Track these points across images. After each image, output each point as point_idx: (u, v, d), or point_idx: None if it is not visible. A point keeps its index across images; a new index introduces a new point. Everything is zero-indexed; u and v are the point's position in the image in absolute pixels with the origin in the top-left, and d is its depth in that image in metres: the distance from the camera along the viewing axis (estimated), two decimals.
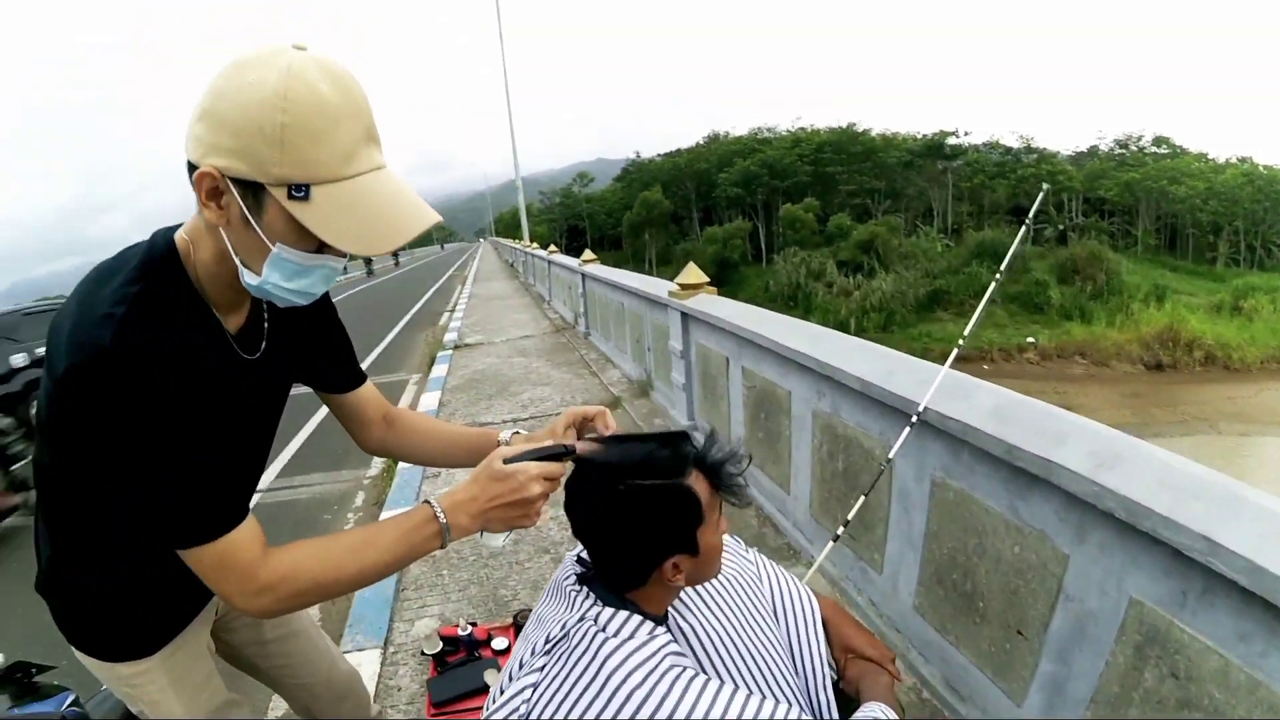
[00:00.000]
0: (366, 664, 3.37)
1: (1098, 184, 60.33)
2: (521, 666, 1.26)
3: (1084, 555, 1.98)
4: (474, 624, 3.41)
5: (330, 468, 7.02)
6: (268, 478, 7.02)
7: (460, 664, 3.17)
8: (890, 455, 2.58)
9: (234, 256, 1.12)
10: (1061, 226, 56.19)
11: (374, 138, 1.10)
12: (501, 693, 1.25)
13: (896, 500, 2.87)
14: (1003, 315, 42.30)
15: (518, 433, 1.56)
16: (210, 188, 1.05)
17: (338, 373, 1.65)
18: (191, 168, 1.05)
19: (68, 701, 1.94)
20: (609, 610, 1.24)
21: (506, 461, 1.26)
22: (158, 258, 1.17)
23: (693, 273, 5.63)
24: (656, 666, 1.13)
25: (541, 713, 1.15)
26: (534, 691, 1.19)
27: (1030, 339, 39.77)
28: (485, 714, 1.26)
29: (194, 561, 1.17)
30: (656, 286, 6.68)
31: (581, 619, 1.23)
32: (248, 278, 1.13)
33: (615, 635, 1.18)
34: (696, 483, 1.26)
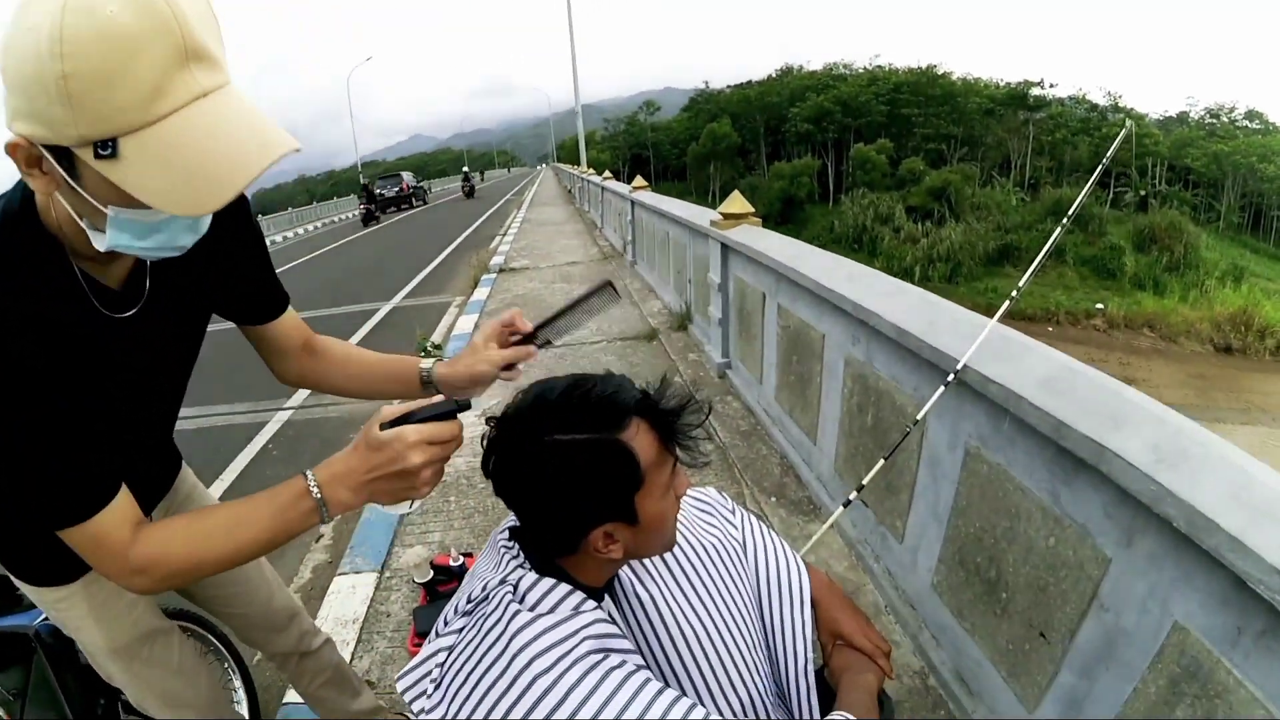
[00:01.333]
0: (361, 587, 3.42)
1: (1184, 153, 58.11)
2: (446, 624, 1.14)
3: (1128, 562, 1.69)
4: (467, 554, 3.37)
5: None
6: (299, 397, 7.13)
7: (450, 594, 3.08)
8: (920, 415, 2.30)
9: (78, 221, 0.97)
10: (1143, 192, 54.43)
11: (196, 54, 0.85)
12: (429, 642, 1.14)
13: (925, 466, 2.60)
14: (1073, 277, 41.48)
15: (438, 360, 1.43)
16: (23, 159, 0.89)
17: (252, 304, 1.51)
18: None
19: (44, 614, 1.89)
20: (531, 576, 1.07)
21: (384, 427, 1.09)
22: (12, 213, 1.03)
23: (737, 202, 5.37)
24: (569, 652, 0.96)
25: (450, 682, 1.03)
26: (448, 655, 1.07)
27: (1099, 305, 38.90)
28: (405, 667, 1.16)
29: (66, 539, 1.08)
30: (701, 215, 6.48)
31: (502, 581, 1.08)
32: (97, 242, 0.97)
33: (531, 609, 1.02)
34: (637, 437, 1.03)
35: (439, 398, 1.17)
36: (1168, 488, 1.47)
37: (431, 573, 3.25)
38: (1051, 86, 63.52)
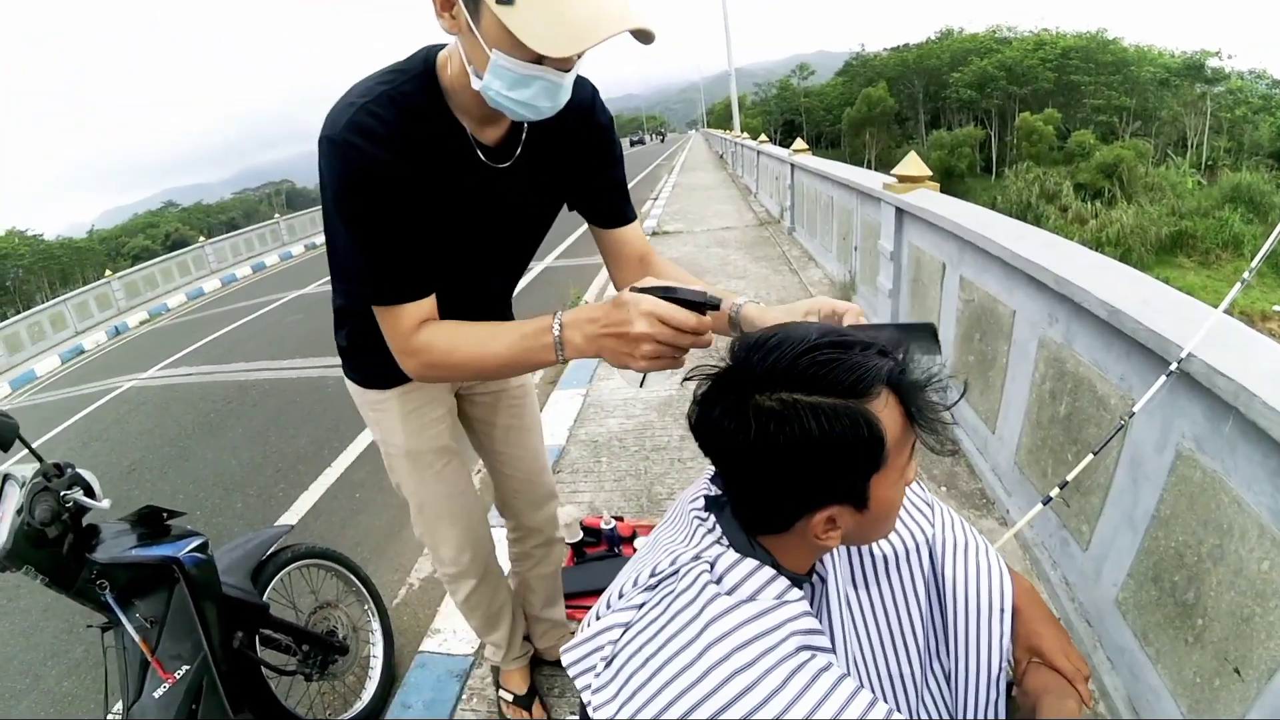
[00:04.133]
0: (504, 542, 3.36)
1: None
2: (621, 596, 1.06)
3: None
4: (619, 518, 3.34)
5: None
6: None
7: (598, 558, 3.15)
8: (1134, 409, 2.06)
9: (466, 64, 1.22)
10: None
11: None
12: (598, 618, 1.06)
13: (1125, 467, 2.34)
14: (1251, 275, 38.76)
15: (755, 302, 1.43)
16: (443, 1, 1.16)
17: (597, 205, 1.72)
18: None
19: (191, 546, 2.00)
20: (732, 555, 0.97)
21: (636, 290, 1.19)
22: (415, 64, 1.35)
23: (913, 163, 5.12)
24: (774, 648, 0.85)
25: (625, 663, 0.94)
26: (623, 633, 0.98)
27: (1277, 307, 36.22)
28: (571, 641, 1.06)
29: (376, 315, 1.43)
30: (870, 178, 6.27)
31: (696, 558, 0.98)
32: (474, 83, 1.22)
33: (731, 592, 0.92)
34: (885, 409, 0.89)
35: (701, 288, 1.20)
36: None
37: (581, 534, 3.22)
38: (1230, 58, 59.45)
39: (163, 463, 6.35)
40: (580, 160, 1.61)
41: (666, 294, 1.15)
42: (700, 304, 1.15)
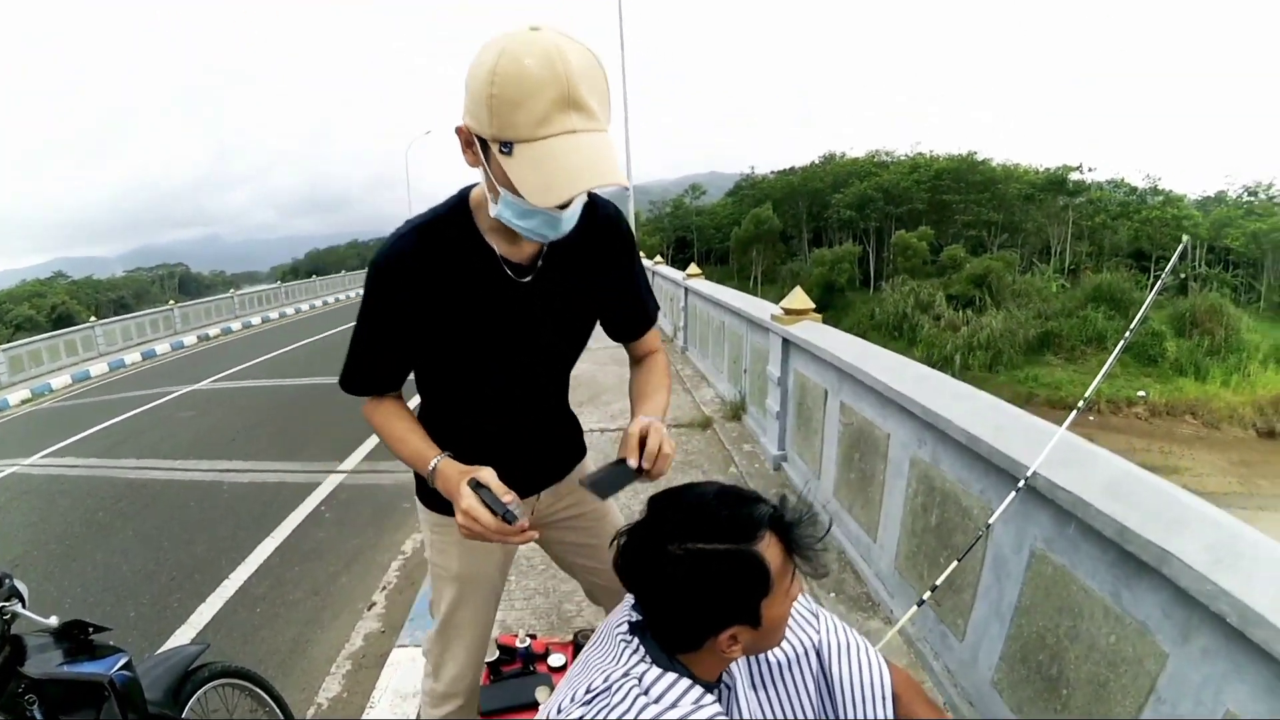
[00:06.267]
0: (422, 661, 3.41)
1: (1223, 233, 56.24)
2: (560, 711, 1.20)
3: (1185, 657, 1.83)
4: (533, 636, 3.35)
5: None
6: (353, 460, 7.30)
7: (514, 675, 3.12)
8: (990, 521, 2.42)
9: (486, 192, 1.43)
10: (1183, 275, 53.45)
11: (572, 104, 1.23)
12: None
13: (990, 567, 2.72)
14: (1115, 365, 40.49)
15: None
16: (464, 139, 1.36)
17: (614, 320, 1.95)
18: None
19: (119, 664, 2.01)
20: (656, 671, 1.16)
21: (473, 482, 1.49)
22: (452, 199, 1.61)
23: (798, 297, 5.50)
24: None
25: None
26: None
27: (1141, 393, 38.01)
28: None
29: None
30: (760, 308, 6.58)
31: (626, 675, 1.17)
32: (491, 209, 1.43)
33: (658, 701, 1.11)
34: (768, 548, 1.15)
35: (508, 498, 1.49)
36: (1222, 587, 1.63)
37: (497, 652, 3.21)
38: (1090, 171, 62.71)
39: (48, 561, 5.98)
40: (601, 274, 1.78)
41: (485, 499, 1.46)
42: (498, 513, 1.44)
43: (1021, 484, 2.35)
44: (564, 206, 1.39)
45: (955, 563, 2.47)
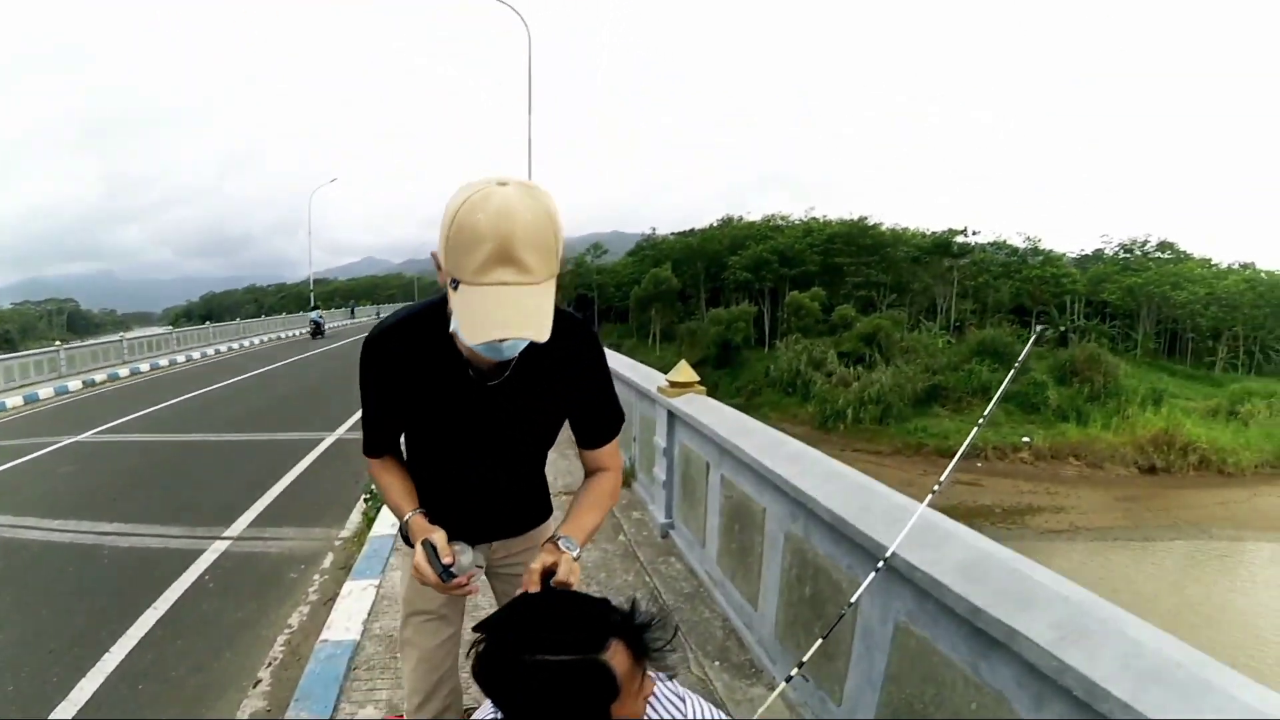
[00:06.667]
0: None
1: (1101, 288, 59.82)
2: None
3: None
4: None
5: (304, 523, 7.09)
6: (239, 526, 7.14)
7: None
8: (853, 600, 2.54)
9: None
10: (1063, 328, 55.88)
11: (510, 260, 1.41)
12: None
13: (860, 638, 2.82)
14: (999, 414, 41.97)
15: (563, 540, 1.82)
16: (436, 263, 1.55)
17: (580, 427, 2.06)
18: None
19: None
20: None
21: (425, 540, 1.78)
22: (433, 299, 1.78)
23: (684, 370, 5.60)
24: None
25: None
26: None
27: (1025, 439, 39.30)
28: None
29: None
30: (648, 379, 6.65)
31: None
32: (453, 324, 1.54)
33: None
34: (615, 655, 1.19)
35: (447, 559, 1.77)
36: (1067, 663, 1.75)
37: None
38: (974, 234, 65.57)
39: None
40: (572, 384, 1.93)
41: (431, 555, 1.75)
42: (438, 569, 1.74)
43: (881, 565, 2.48)
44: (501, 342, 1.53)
45: (820, 640, 2.56)
